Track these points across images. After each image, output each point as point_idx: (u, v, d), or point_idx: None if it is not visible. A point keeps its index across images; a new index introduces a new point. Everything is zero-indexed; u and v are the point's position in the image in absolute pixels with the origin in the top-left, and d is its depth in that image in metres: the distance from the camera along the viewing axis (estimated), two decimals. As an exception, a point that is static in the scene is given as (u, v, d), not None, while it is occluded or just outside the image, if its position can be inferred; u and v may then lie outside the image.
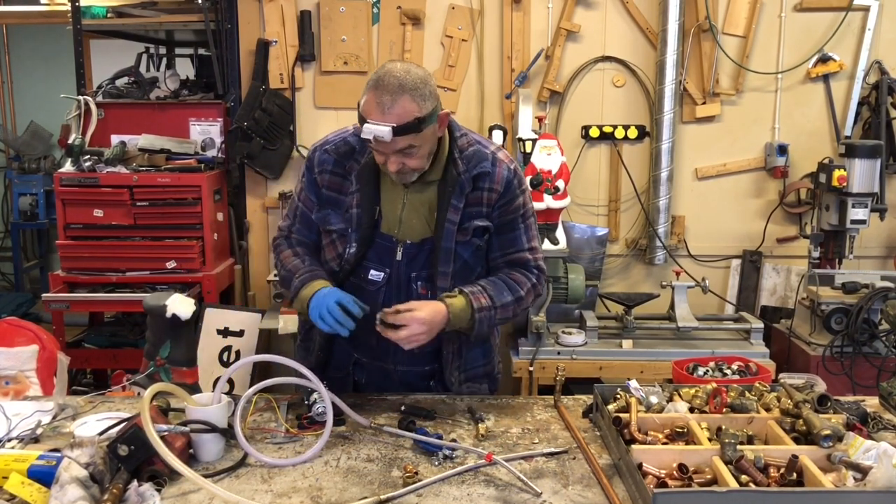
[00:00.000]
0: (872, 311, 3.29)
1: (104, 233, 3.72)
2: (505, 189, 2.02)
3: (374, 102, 1.83)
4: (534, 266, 2.09)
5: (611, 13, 3.94)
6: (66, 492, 1.45)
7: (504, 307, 2.02)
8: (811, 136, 3.99)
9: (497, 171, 2.02)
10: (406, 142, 1.86)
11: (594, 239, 3.98)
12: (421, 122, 1.84)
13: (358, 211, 2.02)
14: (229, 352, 3.70)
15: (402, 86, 1.82)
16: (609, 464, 1.74)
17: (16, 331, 3.03)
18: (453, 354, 2.12)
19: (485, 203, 2.02)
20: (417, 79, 1.85)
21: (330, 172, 2.06)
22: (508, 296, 2.02)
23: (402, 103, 1.81)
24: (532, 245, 2.10)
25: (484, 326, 2.00)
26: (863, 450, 1.57)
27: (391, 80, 1.82)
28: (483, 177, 2.01)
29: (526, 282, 2.07)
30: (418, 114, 1.83)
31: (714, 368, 2.39)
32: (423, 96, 1.84)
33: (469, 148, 2.02)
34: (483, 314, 1.97)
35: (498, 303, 2.00)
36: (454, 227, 2.00)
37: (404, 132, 1.83)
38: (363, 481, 1.66)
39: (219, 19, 3.90)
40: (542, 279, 2.11)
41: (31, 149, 6.74)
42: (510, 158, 2.07)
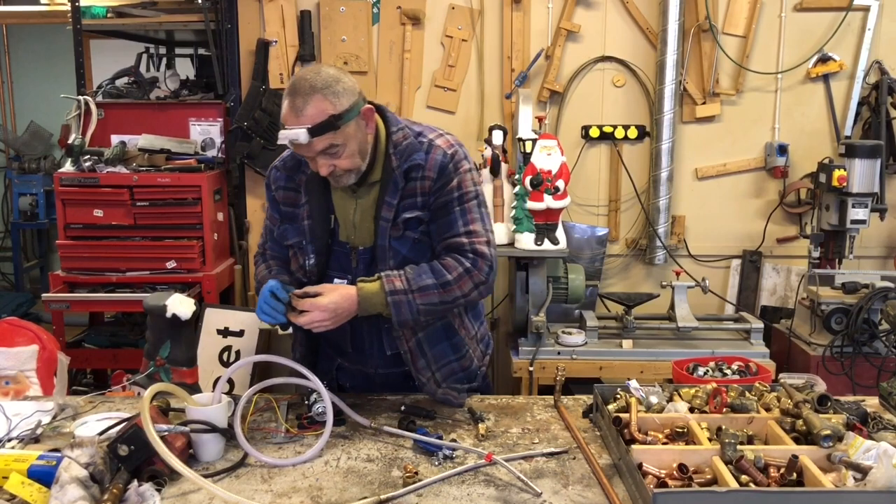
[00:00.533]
0: (872, 311, 3.29)
1: (104, 233, 3.72)
2: (438, 174, 1.96)
3: (289, 108, 1.84)
4: (469, 250, 1.97)
5: (611, 13, 3.94)
6: (66, 492, 1.45)
7: (423, 291, 1.92)
8: (811, 136, 3.99)
9: (430, 157, 1.96)
10: (325, 141, 1.84)
11: (594, 239, 3.98)
12: (337, 119, 1.82)
13: (310, 222, 2.02)
14: (229, 352, 3.70)
15: (313, 87, 1.82)
16: (609, 464, 1.74)
17: (16, 331, 3.03)
18: (413, 353, 2.05)
19: (419, 193, 1.97)
20: (329, 77, 1.84)
21: (284, 188, 2.08)
22: (429, 279, 1.93)
23: (315, 103, 1.81)
24: (470, 228, 1.99)
25: (404, 311, 1.91)
26: (863, 450, 1.57)
27: (302, 84, 1.83)
28: (415, 168, 1.96)
29: (456, 266, 1.96)
30: (332, 111, 1.82)
31: (714, 368, 2.39)
32: (336, 94, 1.83)
33: (404, 142, 1.97)
34: (397, 297, 1.90)
35: (415, 286, 1.92)
36: (388, 224, 1.97)
37: (321, 132, 1.82)
38: (363, 481, 1.66)
39: (219, 19, 3.90)
40: (482, 263, 1.97)
41: (31, 149, 6.74)
42: (451, 143, 2.01)
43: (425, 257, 2.01)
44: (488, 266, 1.99)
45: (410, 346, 2.04)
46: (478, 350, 2.21)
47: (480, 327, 2.25)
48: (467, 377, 2.17)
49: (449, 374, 2.10)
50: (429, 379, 2.06)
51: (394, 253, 1.99)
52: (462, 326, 2.13)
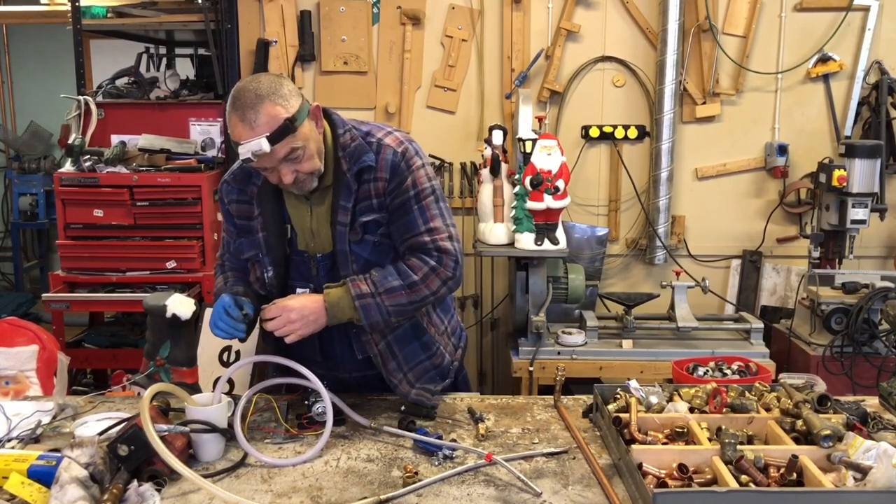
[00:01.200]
0: (872, 311, 3.29)
1: (104, 233, 3.72)
2: (391, 174, 1.92)
3: (239, 122, 1.79)
4: (433, 248, 1.94)
5: (611, 13, 3.94)
6: (66, 492, 1.45)
7: (390, 293, 1.90)
8: (811, 136, 3.99)
9: (381, 158, 1.92)
10: (287, 147, 1.80)
11: (594, 239, 3.98)
12: (293, 122, 1.79)
13: (264, 234, 2.00)
14: (229, 352, 3.69)
15: (259, 95, 1.78)
16: (609, 464, 1.74)
17: (16, 331, 3.03)
18: (383, 355, 2.02)
19: (374, 195, 1.94)
20: (271, 82, 1.81)
21: (237, 201, 2.05)
22: (395, 281, 1.91)
23: (267, 111, 1.77)
24: (431, 226, 1.95)
25: (373, 314, 1.89)
26: (863, 450, 1.57)
27: (245, 95, 1.79)
28: (367, 170, 1.92)
29: (422, 266, 1.93)
30: (286, 115, 1.79)
31: (714, 368, 2.39)
32: (284, 96, 1.80)
33: (352, 143, 1.94)
34: (365, 300, 1.88)
35: (381, 288, 1.89)
36: (345, 229, 1.93)
37: (280, 137, 1.78)
38: (363, 481, 1.66)
39: (219, 19, 3.90)
40: (447, 260, 1.95)
41: (31, 149, 6.74)
42: (400, 140, 1.97)
43: (388, 259, 1.99)
44: (454, 261, 1.96)
45: (380, 349, 2.02)
46: (449, 345, 2.17)
47: (451, 321, 2.21)
48: (440, 374, 2.13)
49: (422, 373, 2.08)
50: (401, 380, 2.04)
51: (355, 257, 1.95)
52: (430, 324, 2.10)
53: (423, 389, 2.05)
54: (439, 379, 2.13)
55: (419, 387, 2.05)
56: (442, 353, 2.13)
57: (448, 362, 2.16)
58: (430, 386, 2.08)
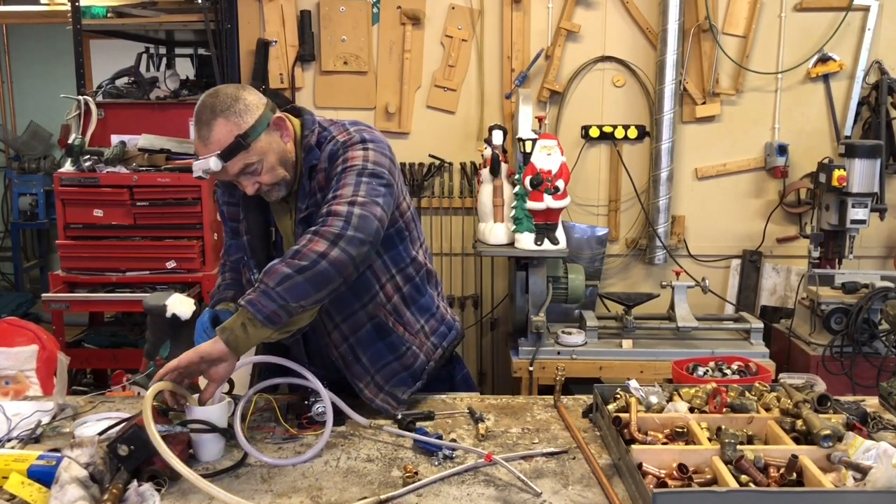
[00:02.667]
0: (872, 311, 3.29)
1: (104, 233, 3.72)
2: (329, 162, 1.88)
3: (196, 139, 1.81)
4: (324, 213, 1.78)
5: (611, 13, 3.95)
6: (66, 492, 1.45)
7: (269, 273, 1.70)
8: (811, 136, 3.99)
9: (323, 152, 1.89)
10: (239, 163, 1.79)
11: (594, 239, 3.98)
12: (245, 138, 1.78)
13: (248, 237, 1.99)
14: (229, 352, 3.70)
15: (213, 111, 1.78)
16: (609, 464, 1.74)
17: (16, 331, 3.03)
18: (345, 358, 1.97)
19: (318, 189, 1.89)
20: (228, 97, 1.79)
21: (227, 203, 2.06)
22: (274, 263, 1.72)
23: (218, 128, 1.77)
24: (337, 193, 1.80)
25: (261, 302, 1.68)
26: (863, 450, 1.56)
27: (203, 111, 1.79)
28: (314, 169, 1.90)
29: (304, 236, 1.76)
30: (238, 132, 1.78)
31: (714, 368, 2.39)
32: (238, 112, 1.78)
33: (307, 147, 1.91)
34: (248, 297, 1.70)
35: (263, 277, 1.71)
36: (300, 230, 1.89)
37: (231, 155, 1.77)
38: (363, 481, 1.66)
39: (219, 19, 3.90)
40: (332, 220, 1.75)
41: (31, 149, 6.74)
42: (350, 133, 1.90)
43: None
44: (341, 220, 1.75)
45: (342, 352, 1.97)
46: (426, 345, 2.08)
47: (430, 320, 2.10)
48: (412, 376, 2.05)
49: (390, 375, 2.01)
50: (367, 384, 1.97)
51: None
52: (399, 323, 2.01)
53: (388, 395, 1.99)
54: (411, 381, 2.05)
55: (387, 390, 1.99)
56: (415, 353, 2.04)
57: (423, 363, 2.06)
58: (398, 391, 2.01)
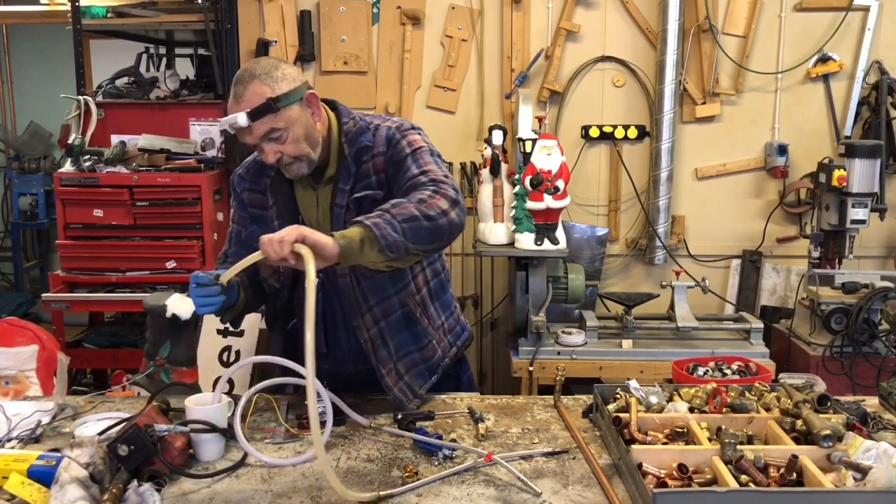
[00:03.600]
0: (872, 311, 3.29)
1: (104, 233, 3.72)
2: (387, 145, 1.98)
3: (231, 98, 1.88)
4: (427, 181, 1.87)
5: (611, 13, 3.95)
6: (66, 492, 1.45)
7: (397, 206, 1.78)
8: (811, 136, 3.99)
9: (377, 136, 1.98)
10: (266, 125, 1.85)
11: (594, 239, 3.98)
12: (275, 102, 1.84)
13: (279, 223, 2.01)
14: (229, 352, 3.70)
15: (252, 74, 1.86)
16: (609, 464, 1.74)
17: (16, 331, 3.03)
18: (374, 342, 2.02)
19: (373, 172, 1.98)
20: (267, 64, 1.89)
21: (249, 190, 2.09)
22: (400, 200, 1.82)
23: (252, 88, 1.84)
24: (426, 169, 1.91)
25: (387, 230, 1.73)
26: (863, 450, 1.56)
27: (242, 74, 1.88)
28: (364, 150, 1.97)
29: (421, 191, 1.85)
30: (271, 94, 1.84)
31: (714, 368, 2.39)
32: (275, 78, 1.86)
33: (353, 129, 2.00)
34: (373, 219, 1.74)
35: (387, 206, 1.79)
36: (342, 211, 1.97)
37: (260, 115, 1.84)
38: (363, 481, 1.66)
39: (219, 19, 3.90)
40: (444, 187, 1.86)
41: (31, 149, 6.74)
42: (396, 122, 2.02)
43: None
44: (452, 188, 1.87)
45: (371, 335, 2.01)
46: (444, 341, 2.15)
47: (449, 318, 2.20)
48: (429, 369, 2.11)
49: (410, 365, 2.07)
50: (389, 371, 2.03)
51: None
52: (425, 315, 2.10)
53: (406, 386, 2.04)
54: (427, 374, 2.11)
55: (406, 380, 2.05)
56: (434, 347, 2.11)
57: (439, 358, 2.13)
58: (416, 384, 2.07)
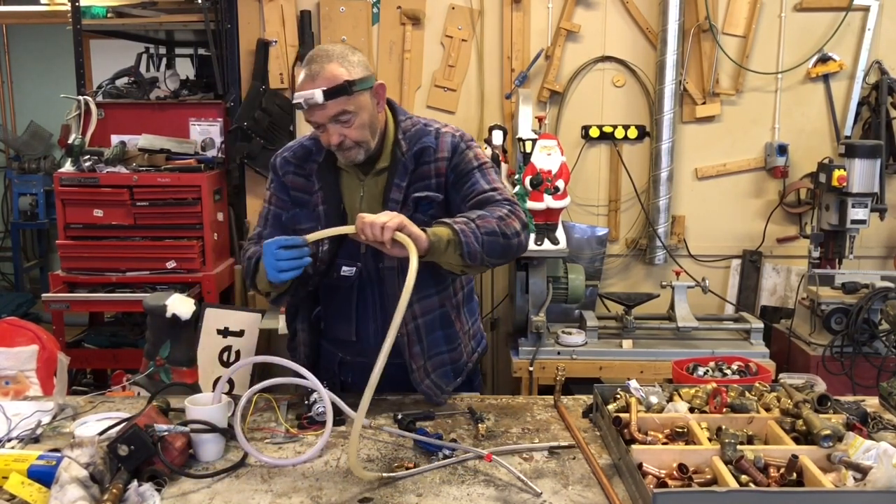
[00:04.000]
0: (872, 311, 3.29)
1: (104, 233, 3.72)
2: (452, 152, 2.03)
3: (305, 75, 1.90)
4: (503, 200, 1.98)
5: (611, 13, 3.94)
6: (66, 492, 1.45)
7: (482, 219, 1.89)
8: (811, 136, 3.99)
9: (440, 141, 2.03)
10: (338, 106, 1.88)
11: (594, 239, 3.98)
12: (351, 85, 1.88)
13: (325, 207, 2.04)
14: (229, 352, 3.70)
15: (329, 55, 1.90)
16: (609, 464, 1.74)
17: (16, 331, 3.03)
18: (410, 337, 2.04)
19: (433, 175, 2.02)
20: (344, 48, 1.93)
21: (293, 174, 2.10)
22: (484, 213, 1.92)
23: (330, 68, 1.88)
24: (493, 186, 2.01)
25: (471, 239, 1.84)
26: (863, 450, 1.56)
27: (318, 54, 1.92)
28: (426, 151, 2.02)
29: (499, 208, 1.95)
30: (347, 77, 1.88)
31: (714, 368, 2.39)
32: (351, 63, 1.90)
33: (412, 128, 2.05)
34: (461, 225, 1.85)
35: (473, 216, 1.90)
36: (397, 206, 1.99)
37: (334, 95, 1.87)
38: (363, 481, 1.66)
39: (219, 19, 3.90)
40: (518, 209, 1.98)
41: (31, 149, 6.74)
42: (457, 129, 2.09)
43: None
44: (524, 212, 2.03)
45: (409, 330, 2.04)
46: (468, 346, 2.22)
47: (474, 324, 2.28)
48: (454, 371, 2.16)
49: (439, 364, 2.11)
50: (420, 367, 2.06)
51: None
52: (458, 319, 2.16)
53: (433, 384, 2.08)
54: (452, 375, 2.16)
55: (433, 378, 2.08)
56: (461, 350, 2.17)
57: (464, 362, 2.19)
58: (443, 383, 2.11)
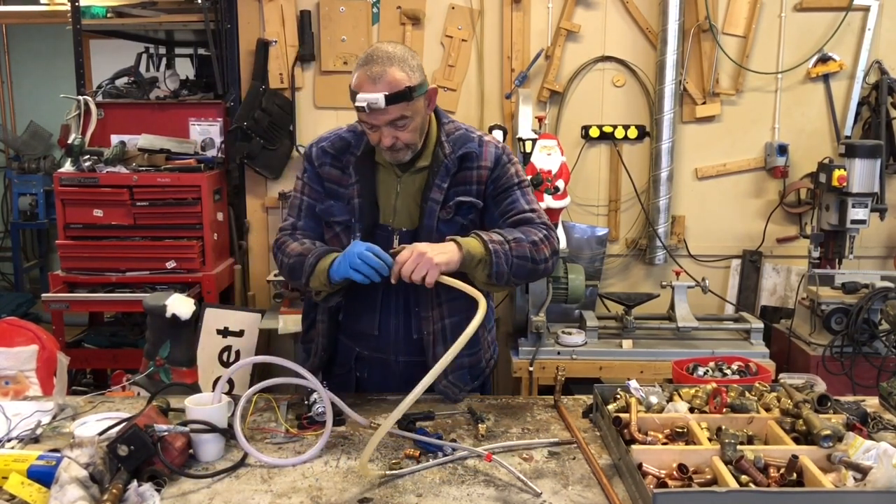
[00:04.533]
0: (872, 311, 3.29)
1: (104, 233, 3.72)
2: (495, 163, 2.06)
3: (366, 76, 1.90)
4: (540, 223, 2.05)
5: (611, 13, 3.94)
6: (66, 492, 1.45)
7: (517, 242, 1.96)
8: (811, 136, 3.99)
9: (484, 150, 2.06)
10: (398, 111, 1.90)
11: (594, 239, 3.98)
12: (412, 91, 1.90)
13: (360, 201, 2.05)
14: (229, 352, 3.70)
15: (391, 58, 1.90)
16: (609, 464, 1.74)
17: (16, 331, 3.03)
18: (435, 337, 2.07)
19: (475, 181, 2.05)
20: (405, 52, 1.94)
21: (329, 165, 2.11)
22: (520, 235, 1.98)
23: (393, 73, 1.89)
24: (532, 207, 2.08)
25: (501, 261, 1.91)
26: (863, 450, 1.57)
27: (380, 54, 1.91)
28: (470, 157, 2.04)
29: (536, 231, 2.01)
30: (409, 83, 1.89)
31: (714, 368, 2.39)
32: (412, 68, 1.92)
33: (456, 132, 2.07)
34: (496, 246, 1.92)
35: (510, 237, 1.96)
36: (437, 206, 2.02)
37: (396, 100, 1.88)
38: (363, 481, 1.66)
39: (219, 19, 3.90)
40: (553, 235, 2.05)
41: (31, 149, 6.74)
42: (498, 141, 2.12)
43: None
44: (557, 240, 2.07)
45: (435, 329, 2.07)
46: (488, 352, 2.27)
47: (491, 331, 2.32)
48: (471, 375, 2.20)
49: (458, 367, 2.13)
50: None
51: (440, 236, 1.99)
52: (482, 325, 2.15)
53: (451, 384, 2.12)
54: (469, 378, 2.19)
55: (451, 379, 2.12)
56: (480, 356, 2.22)
57: (482, 366, 2.24)
58: (460, 384, 2.15)
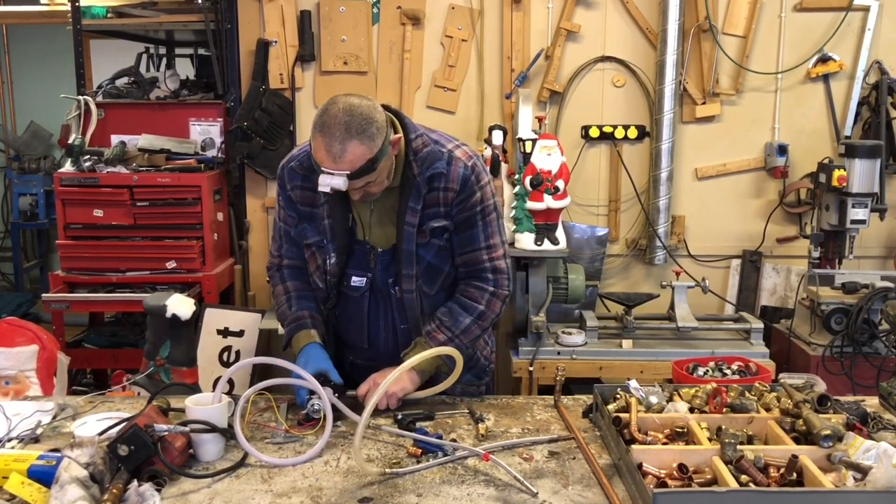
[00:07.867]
0: (872, 311, 3.29)
1: (104, 233, 3.72)
2: (461, 187, 2.00)
3: (325, 151, 1.82)
4: (490, 268, 2.07)
5: (611, 13, 3.94)
6: (66, 492, 1.45)
7: (466, 332, 2.04)
8: (811, 136, 3.99)
9: (452, 169, 1.99)
10: (363, 181, 1.87)
11: (594, 239, 3.98)
12: (374, 163, 1.84)
13: (330, 221, 2.04)
14: (229, 352, 3.70)
15: (349, 130, 1.80)
16: (609, 464, 1.74)
17: (16, 331, 3.03)
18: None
19: (442, 203, 2.01)
20: (362, 119, 1.82)
21: (300, 187, 2.08)
22: (466, 318, 2.04)
23: (352, 149, 1.81)
24: (490, 242, 2.07)
25: (461, 350, 1.96)
26: (863, 450, 1.57)
27: (335, 127, 1.81)
28: (438, 177, 1.99)
29: (482, 293, 2.06)
30: (370, 155, 1.83)
31: (714, 368, 2.39)
32: (371, 136, 1.82)
33: (424, 149, 2.00)
34: (447, 350, 1.93)
35: (457, 331, 2.03)
36: (413, 230, 2.01)
37: (359, 176, 1.84)
38: (363, 481, 1.66)
39: (219, 19, 3.90)
40: (502, 280, 2.08)
41: (31, 149, 6.74)
42: (469, 155, 2.04)
43: (448, 263, 2.08)
44: (507, 279, 2.10)
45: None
46: (486, 349, 2.30)
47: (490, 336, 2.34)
48: (476, 375, 2.25)
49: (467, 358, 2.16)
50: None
51: (418, 259, 2.03)
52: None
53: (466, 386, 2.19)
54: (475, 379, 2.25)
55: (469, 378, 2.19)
56: (478, 356, 2.26)
57: (483, 364, 2.29)
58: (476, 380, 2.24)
